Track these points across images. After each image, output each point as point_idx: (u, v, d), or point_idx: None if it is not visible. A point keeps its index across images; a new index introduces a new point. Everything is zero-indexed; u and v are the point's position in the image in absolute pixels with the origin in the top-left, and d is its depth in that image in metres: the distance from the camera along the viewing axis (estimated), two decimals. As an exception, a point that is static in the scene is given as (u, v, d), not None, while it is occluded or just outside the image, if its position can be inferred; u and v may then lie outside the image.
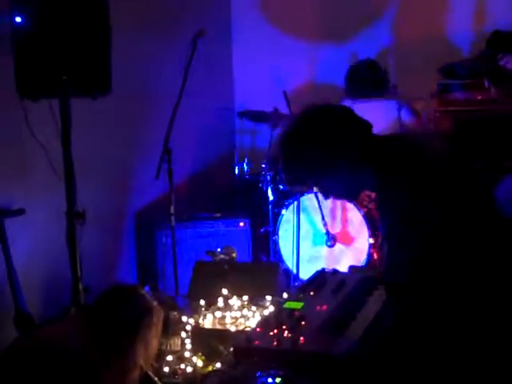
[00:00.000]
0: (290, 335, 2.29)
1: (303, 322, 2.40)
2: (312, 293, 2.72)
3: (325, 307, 2.54)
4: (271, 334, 2.33)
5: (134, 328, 2.52)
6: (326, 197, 2.49)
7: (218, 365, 3.00)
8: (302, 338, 2.25)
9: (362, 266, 4.17)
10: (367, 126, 2.39)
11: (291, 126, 2.37)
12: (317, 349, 2.19)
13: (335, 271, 2.99)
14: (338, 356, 2.14)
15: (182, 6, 4.97)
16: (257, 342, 2.29)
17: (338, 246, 4.55)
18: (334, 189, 2.43)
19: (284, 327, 2.36)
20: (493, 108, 5.01)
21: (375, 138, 2.37)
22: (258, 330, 2.41)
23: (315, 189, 2.51)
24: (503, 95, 4.89)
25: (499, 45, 4.66)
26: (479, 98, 5.08)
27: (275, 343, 2.25)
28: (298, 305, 2.59)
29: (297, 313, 2.48)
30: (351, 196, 2.51)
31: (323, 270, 3.02)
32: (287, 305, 2.61)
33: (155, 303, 2.68)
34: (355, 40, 5.67)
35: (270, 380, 2.11)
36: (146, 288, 4.10)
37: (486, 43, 4.75)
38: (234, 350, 2.33)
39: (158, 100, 4.50)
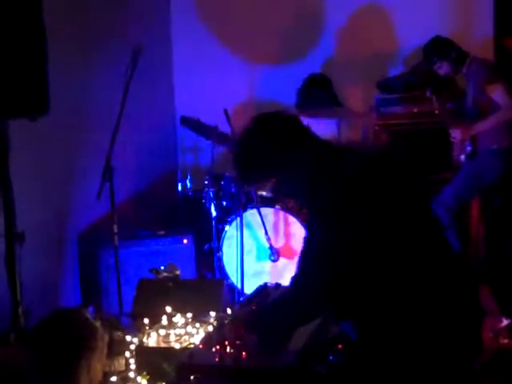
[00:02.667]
0: (232, 351, 2.31)
1: (246, 338, 2.41)
2: (254, 307, 2.73)
3: (267, 322, 2.55)
4: (214, 350, 2.33)
5: (76, 352, 2.50)
6: (276, 195, 2.58)
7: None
8: (244, 354, 2.27)
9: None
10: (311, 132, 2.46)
11: (245, 130, 2.46)
12: (258, 364, 2.21)
13: (278, 285, 3.02)
14: (280, 369, 2.16)
15: (122, 22, 4.94)
16: (199, 359, 2.29)
17: (282, 260, 4.59)
18: (283, 187, 2.48)
19: (226, 343, 2.37)
20: (429, 120, 5.14)
21: (321, 144, 2.43)
22: (200, 346, 2.42)
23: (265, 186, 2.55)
24: (442, 104, 5.02)
25: (435, 50, 4.77)
26: (415, 110, 5.21)
27: (217, 359, 2.26)
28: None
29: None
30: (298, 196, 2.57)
31: (265, 284, 3.04)
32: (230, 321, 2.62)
33: (99, 326, 2.65)
34: (295, 58, 5.72)
35: (211, 396, 2.12)
36: (90, 308, 4.07)
37: (424, 49, 4.84)
38: (176, 367, 2.33)
39: (99, 117, 4.46)
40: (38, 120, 3.18)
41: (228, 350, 2.33)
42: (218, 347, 2.35)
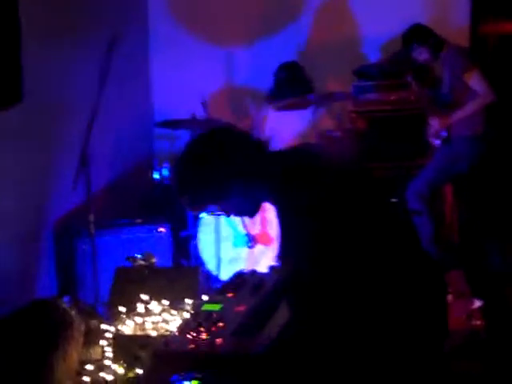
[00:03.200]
0: (207, 337, 2.31)
1: (221, 324, 2.41)
2: (230, 294, 2.73)
3: (243, 308, 2.55)
4: (189, 336, 2.33)
5: (52, 342, 2.50)
6: (227, 215, 2.52)
7: (140, 371, 3.00)
8: (218, 340, 2.27)
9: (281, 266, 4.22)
10: (258, 143, 2.40)
11: (183, 155, 2.34)
12: (233, 350, 2.21)
13: (254, 272, 3.02)
14: (254, 356, 2.16)
15: (98, 13, 4.91)
16: (174, 346, 2.29)
17: (259, 247, 4.60)
18: (232, 208, 2.42)
19: (202, 329, 2.37)
20: (406, 107, 5.17)
21: (269, 155, 2.39)
22: (176, 333, 2.42)
23: (214, 210, 2.50)
24: (421, 91, 5.06)
25: (414, 37, 4.81)
26: (393, 98, 5.24)
27: (192, 346, 2.26)
28: (216, 306, 2.59)
29: (215, 315, 2.49)
30: (250, 213, 2.50)
31: (241, 271, 3.04)
32: (205, 307, 2.61)
33: (75, 315, 2.65)
34: (271, 44, 5.72)
35: (186, 383, 2.12)
36: (66, 298, 4.07)
37: (403, 36, 4.88)
38: (152, 354, 2.33)
39: (76, 107, 4.43)
40: (13, 109, 3.17)
41: (203, 336, 2.33)
42: (193, 334, 2.35)
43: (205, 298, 3.16)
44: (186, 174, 2.30)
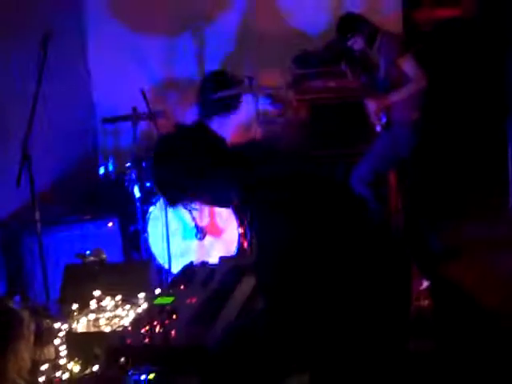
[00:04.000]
0: (161, 331, 2.34)
1: (174, 317, 2.45)
2: (182, 287, 2.77)
3: (195, 300, 2.60)
4: (143, 331, 2.36)
5: (2, 342, 2.49)
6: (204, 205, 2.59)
7: (95, 368, 3.00)
8: (173, 333, 2.31)
9: (232, 256, 4.26)
10: (221, 140, 2.47)
11: (157, 152, 2.44)
12: (188, 342, 2.25)
13: (204, 263, 3.06)
14: (209, 347, 2.20)
15: (31, 8, 4.83)
16: (129, 341, 2.32)
17: (208, 239, 4.63)
18: (208, 201, 2.51)
19: (155, 323, 2.40)
20: (346, 95, 5.26)
21: (231, 152, 2.45)
22: (130, 328, 2.44)
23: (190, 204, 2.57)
24: (357, 77, 5.14)
25: (348, 26, 4.87)
26: (332, 85, 5.32)
27: (147, 340, 2.29)
28: (169, 300, 2.64)
29: (168, 308, 2.53)
30: (225, 205, 2.59)
31: (191, 263, 3.08)
32: (157, 301, 2.65)
33: (25, 314, 2.64)
34: (208, 32, 5.74)
35: (142, 377, 2.15)
36: (16, 297, 4.03)
37: (337, 26, 4.93)
38: (106, 350, 2.35)
39: (15, 104, 4.37)
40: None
41: (157, 330, 2.36)
42: (147, 328, 2.38)
43: (157, 291, 3.19)
44: (161, 170, 2.40)
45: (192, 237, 4.62)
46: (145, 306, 2.96)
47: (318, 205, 2.26)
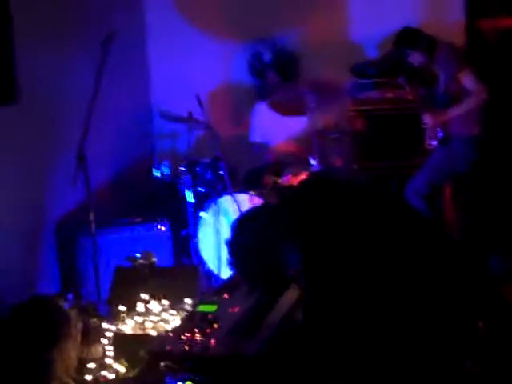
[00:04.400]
0: (201, 339, 2.36)
1: (216, 325, 2.47)
2: (226, 295, 2.79)
3: (237, 309, 2.60)
4: (183, 338, 2.39)
5: (50, 340, 2.55)
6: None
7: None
8: (212, 341, 2.32)
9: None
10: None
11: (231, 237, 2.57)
12: (226, 351, 2.26)
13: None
14: (248, 357, 2.21)
15: (92, 8, 4.93)
16: (169, 347, 2.35)
17: (258, 247, 4.62)
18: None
19: (196, 331, 2.42)
20: (404, 106, 5.20)
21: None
22: (171, 334, 2.47)
23: None
24: (416, 91, 5.09)
25: (406, 41, 4.83)
26: (390, 96, 5.27)
27: (186, 347, 2.31)
28: (212, 308, 2.65)
29: (210, 316, 2.54)
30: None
31: (237, 272, 3.09)
32: (200, 308, 2.67)
33: (73, 313, 2.70)
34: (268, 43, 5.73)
35: (179, 383, 2.18)
36: (69, 296, 4.12)
37: (394, 41, 4.90)
38: (147, 355, 2.38)
39: (73, 105, 4.45)
40: (9, 108, 3.20)
41: (197, 337, 2.38)
42: (187, 335, 2.40)
43: (202, 298, 3.22)
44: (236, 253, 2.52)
45: (242, 244, 4.62)
46: (187, 312, 2.97)
47: (376, 220, 2.27)
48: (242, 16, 5.78)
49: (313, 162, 4.59)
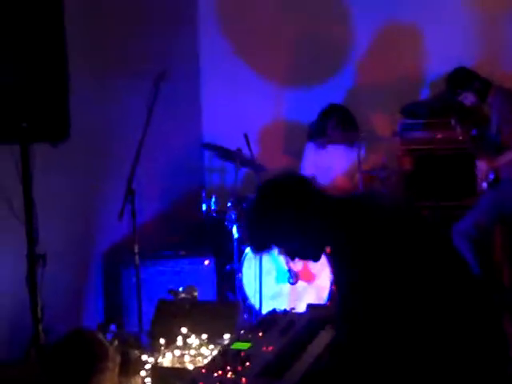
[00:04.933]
0: (232, 376, 2.37)
1: (248, 363, 2.47)
2: (260, 333, 2.79)
3: (271, 348, 2.61)
4: (215, 375, 2.40)
5: (88, 372, 2.60)
6: (292, 259, 2.61)
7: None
8: (244, 380, 2.32)
9: (320, 304, 4.24)
10: (319, 192, 2.51)
11: (253, 202, 2.52)
12: (256, 390, 2.27)
13: (285, 311, 3.07)
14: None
15: (148, 45, 5.05)
16: (201, 383, 2.36)
17: (301, 284, 4.62)
18: (297, 252, 2.53)
19: (228, 368, 2.43)
20: (453, 147, 5.16)
21: (331, 200, 2.49)
22: (203, 370, 2.48)
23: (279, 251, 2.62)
24: (467, 132, 5.04)
25: (459, 82, 4.81)
26: (440, 136, 5.23)
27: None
28: (245, 345, 2.66)
29: (243, 353, 2.55)
30: (314, 257, 2.60)
31: (274, 310, 3.10)
32: (235, 345, 2.68)
33: (112, 347, 2.75)
34: (321, 84, 5.79)
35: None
36: (112, 327, 4.18)
37: (447, 80, 4.89)
38: (179, 391, 2.40)
39: (123, 141, 4.57)
40: (61, 144, 3.31)
41: (229, 375, 2.39)
42: (219, 372, 2.41)
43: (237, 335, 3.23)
44: (255, 219, 2.48)
45: (285, 280, 4.64)
46: (221, 349, 2.98)
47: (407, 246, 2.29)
48: (295, 58, 5.86)
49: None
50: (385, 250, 2.26)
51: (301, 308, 3.42)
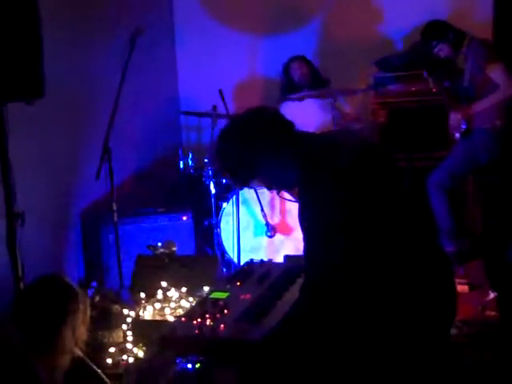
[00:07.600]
0: (211, 323, 2.44)
1: (226, 311, 2.54)
2: (238, 283, 2.86)
3: (248, 296, 2.68)
4: (194, 322, 2.47)
5: (60, 315, 2.65)
6: (269, 189, 2.69)
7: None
8: (222, 326, 2.40)
9: (296, 255, 4.30)
10: (291, 125, 2.55)
11: (224, 130, 2.55)
12: (234, 336, 2.33)
13: (262, 262, 3.14)
14: (253, 342, 2.28)
15: (121, 6, 5.01)
16: (180, 331, 2.43)
17: (278, 237, 4.70)
18: (272, 182, 2.58)
19: (207, 316, 2.50)
20: (427, 99, 5.21)
21: (300, 136, 2.53)
22: (182, 319, 2.55)
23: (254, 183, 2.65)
24: (440, 84, 5.08)
25: (433, 34, 4.83)
26: (414, 89, 5.27)
27: (197, 331, 2.39)
28: (223, 294, 2.73)
29: (221, 302, 2.62)
30: (288, 186, 2.65)
31: (251, 260, 3.16)
32: (213, 295, 2.75)
33: (79, 289, 2.80)
34: (294, 36, 5.80)
35: (189, 365, 2.25)
36: (93, 283, 4.24)
37: (421, 33, 4.90)
38: (159, 338, 2.46)
39: (100, 98, 4.55)
40: (37, 103, 3.30)
41: (208, 322, 2.46)
42: (198, 320, 2.48)
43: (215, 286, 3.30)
44: (225, 150, 2.52)
45: (262, 234, 4.70)
46: (199, 299, 3.05)
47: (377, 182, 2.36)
48: (266, 10, 5.84)
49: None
50: (354, 189, 2.31)
51: (279, 261, 3.50)
